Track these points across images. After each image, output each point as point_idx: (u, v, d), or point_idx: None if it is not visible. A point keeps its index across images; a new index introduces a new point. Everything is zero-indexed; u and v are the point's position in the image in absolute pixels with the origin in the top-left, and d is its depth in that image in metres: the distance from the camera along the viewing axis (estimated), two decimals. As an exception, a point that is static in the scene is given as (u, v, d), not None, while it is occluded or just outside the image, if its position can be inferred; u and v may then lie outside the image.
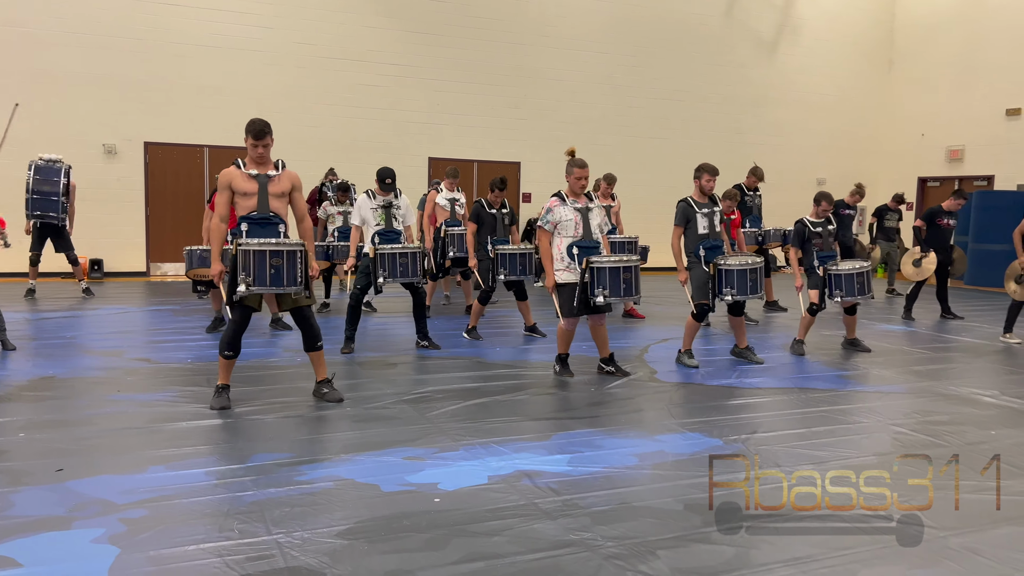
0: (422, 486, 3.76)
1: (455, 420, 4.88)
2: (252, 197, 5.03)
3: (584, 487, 3.79)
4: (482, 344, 7.54)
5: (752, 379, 6.29)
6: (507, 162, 15.03)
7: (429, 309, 9.09)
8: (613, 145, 15.69)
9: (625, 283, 5.94)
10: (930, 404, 5.61)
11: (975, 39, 16.28)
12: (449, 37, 14.38)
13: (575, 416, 5.09)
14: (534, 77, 15.09)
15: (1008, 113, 15.67)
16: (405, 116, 14.23)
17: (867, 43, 17.96)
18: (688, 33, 16.25)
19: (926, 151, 17.26)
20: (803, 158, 17.39)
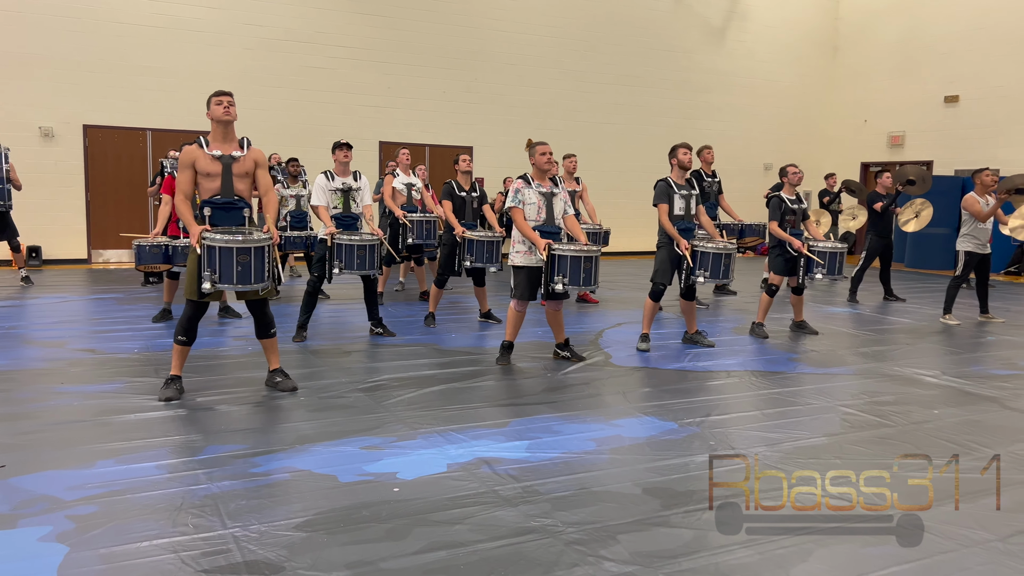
0: (381, 476, 3.73)
1: (412, 408, 4.85)
2: (216, 179, 4.86)
3: (543, 473, 3.81)
4: (438, 331, 7.50)
5: (705, 362, 6.38)
6: (459, 146, 14.94)
7: (382, 296, 9.01)
8: (564, 130, 15.71)
9: (585, 272, 5.90)
10: (876, 385, 5.77)
11: (915, 27, 16.69)
12: (400, 19, 14.19)
13: (533, 402, 5.10)
14: (486, 61, 15.01)
15: (946, 100, 16.12)
16: (356, 99, 14.03)
17: (812, 30, 18.27)
18: (638, 19, 16.32)
19: (869, 137, 17.68)
20: (750, 143, 17.66)
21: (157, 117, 12.79)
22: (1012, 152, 14.97)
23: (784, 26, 17.91)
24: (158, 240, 7.04)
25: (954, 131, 16.05)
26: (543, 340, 7.17)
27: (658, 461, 4.02)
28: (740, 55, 17.52)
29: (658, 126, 16.40)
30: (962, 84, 15.87)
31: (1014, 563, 2.98)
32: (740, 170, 17.00)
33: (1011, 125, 15.06)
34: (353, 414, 4.71)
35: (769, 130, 17.92)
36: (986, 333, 8.04)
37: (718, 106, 17.33)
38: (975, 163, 15.50)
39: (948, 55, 16.06)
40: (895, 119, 17.17)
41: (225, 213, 4.91)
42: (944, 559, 3.01)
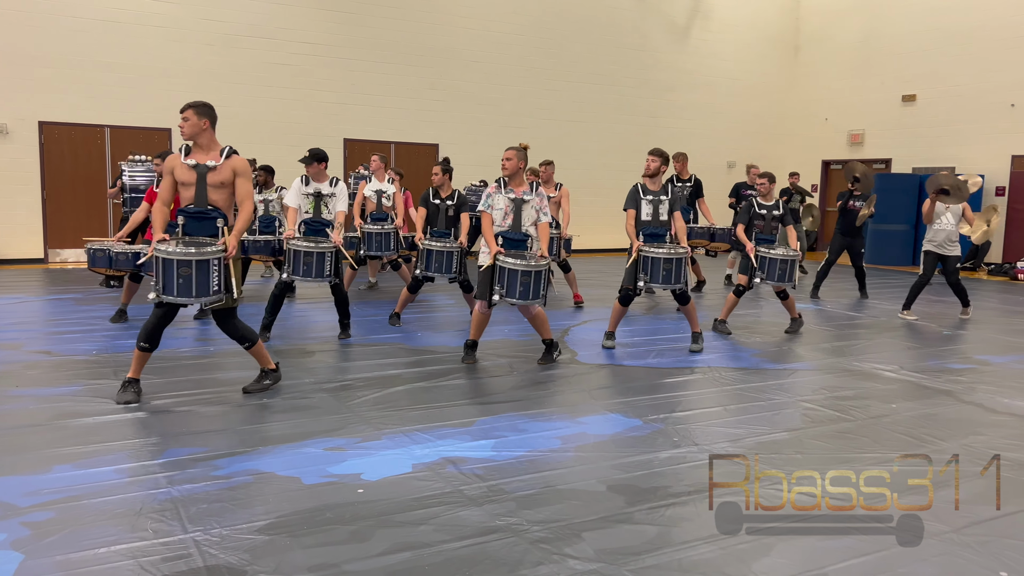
0: (345, 477, 3.70)
1: (377, 408, 4.82)
2: (190, 188, 4.81)
3: (509, 472, 3.81)
4: (404, 330, 7.46)
5: (670, 359, 6.43)
6: (425, 144, 14.88)
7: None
8: (531, 127, 15.72)
9: (523, 287, 5.77)
10: (836, 380, 5.86)
11: (873, 28, 16.98)
12: (364, 15, 14.08)
13: (498, 400, 5.10)
14: (451, 58, 14.95)
15: (904, 99, 16.43)
16: (319, 96, 13.89)
17: (774, 29, 18.50)
18: (603, 17, 16.38)
19: (829, 135, 17.96)
20: (714, 142, 17.82)
21: (115, 114, 12.55)
22: (967, 150, 15.32)
23: (746, 25, 18.10)
24: (108, 245, 6.95)
25: (912, 129, 16.36)
26: (509, 339, 7.18)
27: (623, 458, 4.05)
28: (703, 54, 17.68)
29: (623, 124, 16.49)
30: (919, 83, 16.18)
31: (968, 554, 3.05)
32: (704, 167, 17.07)
33: (966, 124, 15.40)
34: (317, 415, 4.67)
35: (732, 128, 18.10)
36: (943, 328, 8.22)
37: (682, 104, 17.47)
38: (932, 161, 15.87)
39: (905, 55, 16.37)
40: (855, 117, 17.45)
41: (198, 223, 4.83)
42: (901, 551, 3.07)
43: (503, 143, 15.20)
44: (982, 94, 15.11)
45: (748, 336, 7.55)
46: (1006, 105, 14.76)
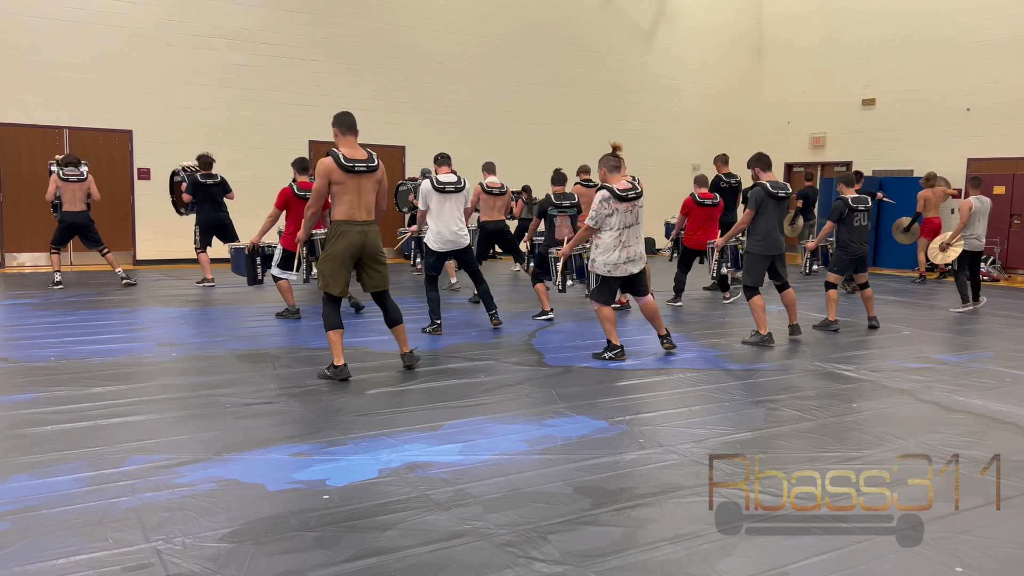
0: (310, 483, 3.68)
1: (343, 413, 4.79)
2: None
3: (475, 475, 3.81)
4: (370, 333, 7.42)
5: (635, 360, 6.48)
6: (391, 145, 14.82)
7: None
8: (497, 130, 15.75)
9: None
10: (799, 380, 5.96)
11: (833, 33, 17.29)
12: (327, 17, 13.99)
13: (465, 404, 5.10)
14: (416, 60, 14.92)
15: (864, 103, 16.75)
16: (283, 97, 13.77)
17: (737, 34, 18.74)
18: (568, 20, 16.46)
19: (792, 138, 18.23)
20: (679, 144, 18.00)
21: (74, 115, 12.32)
22: (926, 153, 15.65)
23: (710, 29, 18.31)
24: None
25: (872, 132, 16.68)
26: (477, 342, 7.18)
27: (589, 460, 4.07)
28: (668, 57, 17.85)
29: (589, 127, 16.58)
30: (878, 87, 16.51)
31: (926, 550, 3.12)
32: (669, 170, 17.34)
33: (924, 127, 15.74)
34: (282, 421, 4.63)
35: (697, 130, 18.30)
36: (901, 328, 8.38)
37: (647, 107, 17.61)
38: (892, 164, 16.19)
39: (865, 59, 16.69)
40: (816, 121, 17.75)
41: None
42: (859, 548, 3.13)
43: (469, 145, 15.28)
44: (939, 99, 15.46)
45: (715, 337, 7.63)
46: (962, 109, 15.12)
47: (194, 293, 9.95)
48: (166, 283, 10.88)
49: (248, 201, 13.44)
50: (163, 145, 12.82)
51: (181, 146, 12.87)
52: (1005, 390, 5.72)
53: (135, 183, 12.78)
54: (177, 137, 12.80)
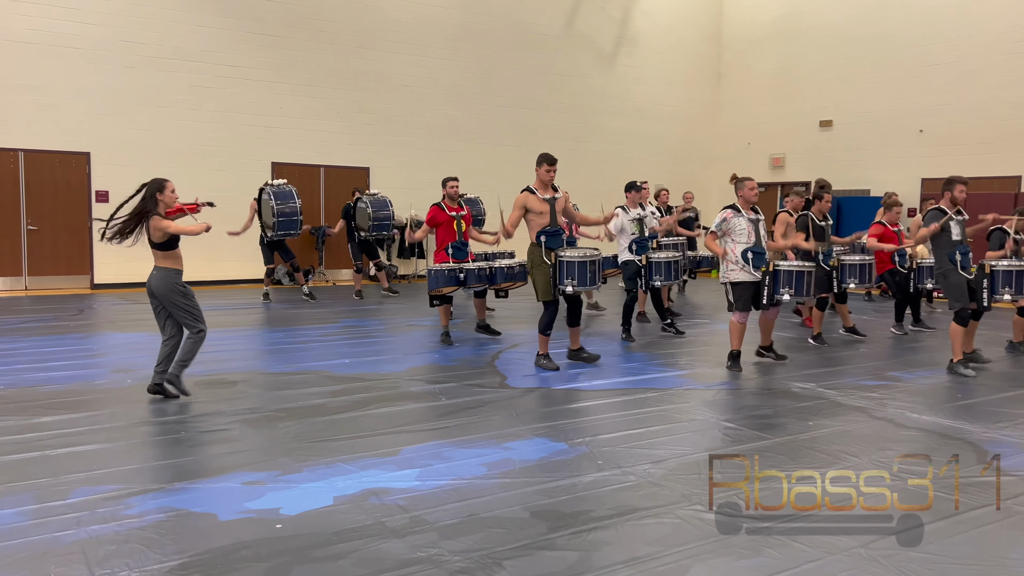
0: (263, 512, 3.62)
1: (299, 440, 4.73)
2: (545, 216, 6.69)
3: (432, 501, 3.78)
4: (330, 356, 7.36)
5: (596, 381, 6.50)
6: (356, 167, 14.79)
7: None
8: (462, 151, 15.79)
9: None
10: (756, 399, 6.02)
11: (791, 56, 17.66)
12: (290, 39, 13.97)
13: (425, 428, 5.07)
14: (381, 81, 14.93)
15: (821, 124, 17.10)
16: (246, 119, 13.68)
17: (698, 57, 19.05)
18: (532, 43, 16.62)
19: (752, 158, 18.52)
20: (641, 165, 18.14)
21: (30, 137, 12.11)
22: (881, 173, 15.99)
23: (671, 52, 18.60)
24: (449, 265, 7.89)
25: (829, 153, 17.02)
26: (439, 364, 7.15)
27: (547, 483, 4.06)
28: (630, 80, 18.08)
29: (553, 148, 16.49)
30: (835, 110, 16.87)
31: (875, 568, 3.15)
32: (633, 191, 17.46)
33: (880, 148, 16.10)
34: (235, 448, 4.56)
35: (659, 151, 18.51)
36: (858, 345, 8.52)
37: (611, 128, 17.79)
38: (849, 184, 16.51)
39: (822, 82, 17.06)
40: (776, 142, 18.07)
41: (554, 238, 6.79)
42: (812, 567, 3.15)
43: (433, 166, 15.28)
44: (893, 120, 15.84)
45: (675, 357, 7.68)
46: (915, 131, 15.50)
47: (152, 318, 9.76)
48: (124, 307, 10.70)
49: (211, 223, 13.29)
50: (122, 168, 12.63)
51: (141, 168, 12.65)
52: (956, 406, 5.83)
53: (93, 206, 12.58)
54: (137, 159, 12.63)
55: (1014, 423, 5.35)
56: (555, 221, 6.83)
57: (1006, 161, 14.08)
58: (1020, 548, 3.36)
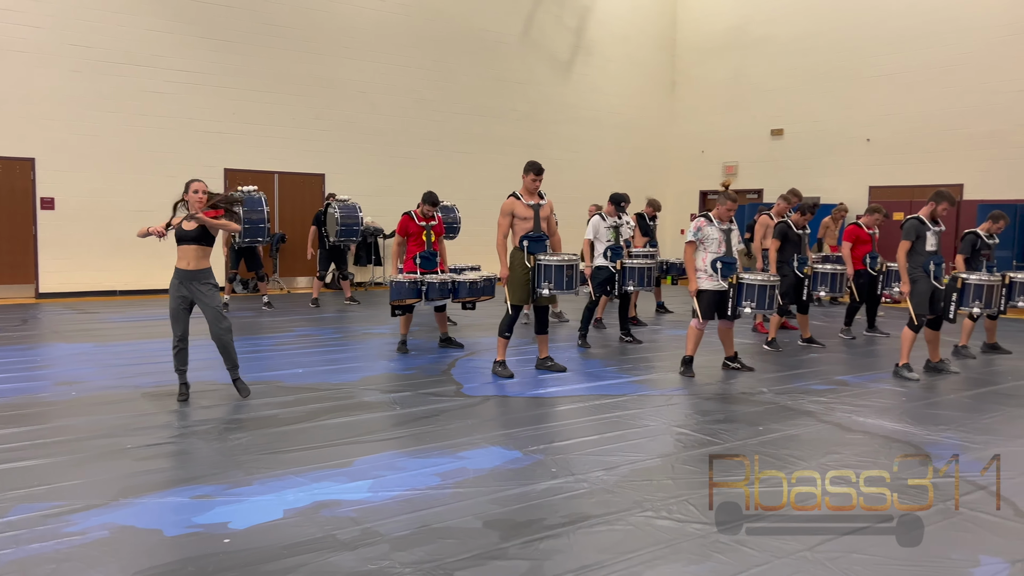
0: (211, 526, 3.55)
1: (250, 452, 4.66)
2: (529, 221, 6.83)
3: (384, 513, 3.76)
4: (282, 367, 7.27)
5: (552, 388, 6.53)
6: (311, 173, 14.65)
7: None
8: (419, 158, 15.76)
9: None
10: (709, 404, 6.10)
11: (743, 66, 17.98)
12: (243, 44, 13.79)
13: (379, 439, 5.03)
14: (337, 87, 14.83)
15: (773, 133, 17.44)
16: (198, 125, 13.46)
17: (652, 66, 19.29)
18: (488, 51, 16.66)
19: (706, 166, 18.81)
20: (598, 173, 18.34)
21: (-29, 142, 11.77)
22: (830, 181, 16.36)
23: (625, 62, 18.80)
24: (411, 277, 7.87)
25: (780, 162, 17.36)
26: (394, 373, 7.11)
27: (501, 492, 4.07)
28: (586, 88, 18.23)
29: (509, 155, 16.72)
30: (786, 119, 17.21)
31: (819, 570, 3.22)
32: (589, 197, 17.54)
33: (829, 156, 16.47)
34: (184, 461, 4.48)
35: (615, 160, 18.69)
36: (809, 350, 8.68)
37: (567, 137, 17.91)
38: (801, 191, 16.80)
39: (773, 92, 17.40)
40: (729, 150, 18.37)
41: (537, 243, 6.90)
42: (759, 571, 3.21)
43: (390, 173, 15.25)
44: (842, 129, 16.22)
45: (632, 364, 7.75)
46: (863, 140, 15.88)
47: (99, 328, 9.56)
48: (70, 317, 10.44)
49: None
50: (68, 174, 12.37)
51: (88, 175, 12.45)
52: (901, 409, 5.98)
53: (38, 213, 12.26)
54: (84, 165, 12.37)
55: (955, 426, 5.51)
56: (538, 227, 6.96)
57: (949, 170, 14.50)
58: (960, 548, 3.46)
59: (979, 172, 14.18)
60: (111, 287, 12.84)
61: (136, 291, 12.97)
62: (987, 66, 14.00)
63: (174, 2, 13.11)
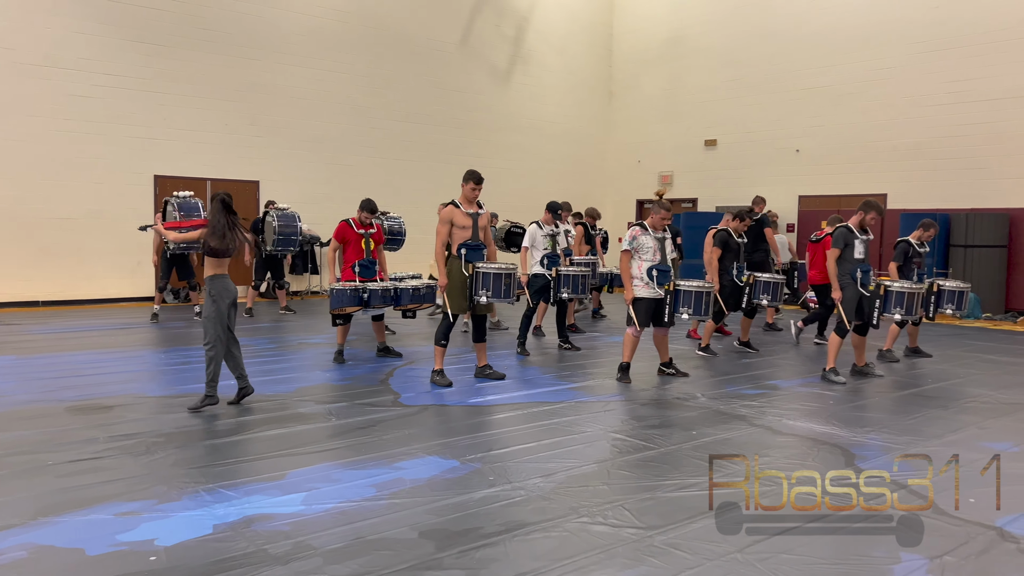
0: (136, 544, 3.44)
1: (178, 466, 4.54)
2: (468, 230, 6.84)
3: (318, 526, 3.70)
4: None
5: (491, 397, 6.53)
6: (245, 180, 14.37)
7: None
8: (356, 165, 15.62)
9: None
10: (644, 410, 6.18)
11: (678, 78, 18.36)
12: (174, 48, 13.46)
13: (313, 450, 4.95)
14: (271, 93, 14.60)
15: (706, 144, 17.83)
16: (126, 131, 13.08)
17: (590, 77, 19.54)
18: (426, 58, 16.64)
19: (642, 176, 19.12)
20: (538, 181, 18.46)
21: None
22: (762, 190, 16.71)
23: (563, 72, 19.00)
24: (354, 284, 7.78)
25: (714, 171, 17.75)
26: (330, 383, 7.01)
27: (437, 502, 4.05)
28: (525, 98, 18.35)
29: (449, 163, 16.71)
30: (719, 129, 17.62)
31: (749, 571, 3.29)
32: (528, 206, 17.66)
33: (761, 166, 16.91)
34: (108, 477, 4.32)
35: (554, 169, 18.84)
36: (743, 356, 8.88)
37: (507, 145, 17.99)
38: (733, 200, 17.23)
39: (706, 103, 17.80)
40: (664, 160, 18.71)
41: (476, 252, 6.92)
42: (691, 574, 3.26)
43: (327, 180, 15.09)
44: (773, 140, 16.68)
45: (570, 371, 7.80)
46: (793, 151, 16.36)
47: (20, 340, 9.19)
48: (-11, 329, 10.00)
49: (89, 238, 12.64)
50: (-12, 180, 11.88)
51: (10, 181, 11.96)
52: (828, 412, 6.17)
53: (-46, 221, 11.74)
54: (4, 171, 11.89)
55: (879, 428, 5.70)
56: (476, 235, 6.96)
57: (874, 180, 15.04)
58: (881, 546, 3.58)
59: (902, 182, 14.75)
60: (33, 297, 12.35)
61: (59, 301, 12.51)
62: (909, 81, 14.60)
63: (101, 4, 12.74)
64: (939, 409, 6.36)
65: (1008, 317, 12.92)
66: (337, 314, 7.84)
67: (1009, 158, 13.46)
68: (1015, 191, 13.40)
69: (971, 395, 6.94)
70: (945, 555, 3.47)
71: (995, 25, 13.50)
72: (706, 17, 17.76)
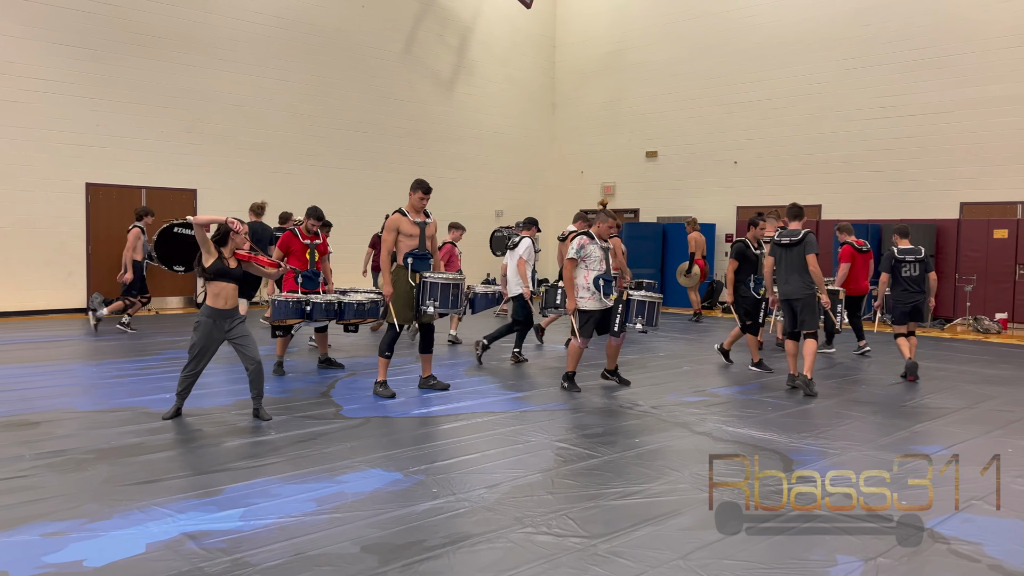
0: (64, 566, 3.31)
1: (110, 484, 4.38)
2: (415, 239, 6.78)
3: (256, 542, 3.61)
4: (149, 392, 6.89)
5: (435, 408, 6.48)
6: (181, 189, 14.03)
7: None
8: (298, 173, 15.41)
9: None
10: (588, 418, 6.21)
11: (619, 90, 18.63)
12: (107, 53, 13.09)
13: (251, 465, 4.84)
14: (209, 100, 14.30)
15: (647, 155, 18.11)
16: (56, 137, 12.66)
17: (533, 88, 19.68)
18: (369, 66, 16.53)
19: (586, 187, 19.31)
20: (482, 191, 18.50)
21: None
22: (701, 201, 17.13)
23: (507, 83, 19.09)
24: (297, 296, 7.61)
25: (655, 182, 18.04)
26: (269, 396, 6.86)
27: (380, 515, 3.99)
28: (469, 108, 18.37)
29: (393, 172, 16.63)
30: (660, 141, 17.92)
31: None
32: (473, 215, 17.67)
33: (700, 177, 17.25)
34: (34, 496, 4.15)
35: (498, 179, 18.90)
36: (682, 363, 9.01)
37: (451, 155, 17.97)
38: (674, 211, 17.54)
39: (647, 115, 18.09)
40: (607, 171, 18.93)
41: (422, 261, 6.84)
42: (635, 582, 3.28)
43: (266, 188, 14.82)
44: (711, 152, 17.03)
45: (514, 381, 7.80)
46: (731, 162, 16.73)
47: (-59, 354, 8.77)
48: (-94, 343, 9.54)
49: (17, 248, 12.17)
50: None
51: (-72, 188, 11.46)
52: (766, 418, 6.29)
53: None
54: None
55: (815, 433, 5.84)
56: (423, 245, 6.90)
57: (807, 191, 15.47)
58: (818, 549, 3.66)
59: (834, 194, 15.21)
60: (-45, 310, 11.84)
61: None
62: (840, 96, 15.08)
63: (29, 6, 12.32)
64: (872, 415, 6.55)
65: (936, 324, 13.41)
66: (277, 326, 7.70)
67: (935, 171, 14.01)
68: (941, 203, 13.94)
69: (902, 400, 7.16)
70: (879, 557, 3.57)
71: (921, 43, 14.06)
72: (646, 32, 18.07)
